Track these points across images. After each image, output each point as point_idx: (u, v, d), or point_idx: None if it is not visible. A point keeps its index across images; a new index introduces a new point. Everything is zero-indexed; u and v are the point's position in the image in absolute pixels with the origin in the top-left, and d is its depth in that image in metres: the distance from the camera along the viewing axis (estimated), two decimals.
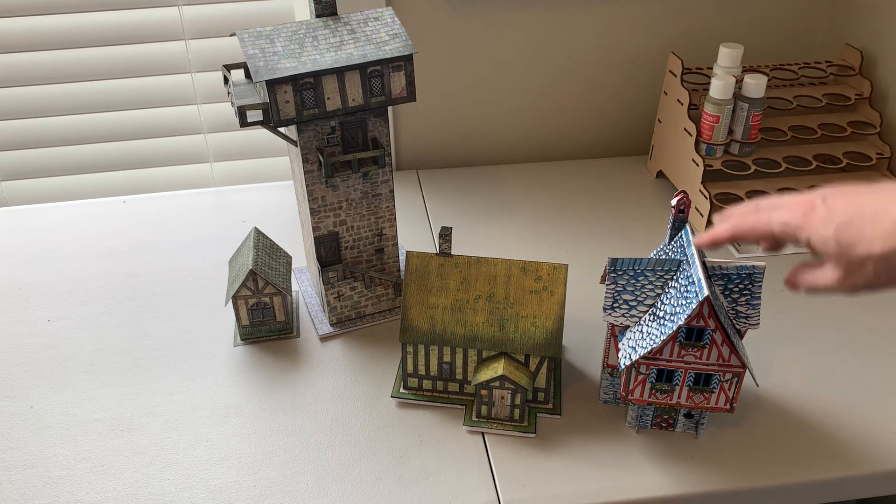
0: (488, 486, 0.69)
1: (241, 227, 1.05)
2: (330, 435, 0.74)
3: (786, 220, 0.58)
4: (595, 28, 1.13)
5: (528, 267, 0.73)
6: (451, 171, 1.19)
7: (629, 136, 1.24)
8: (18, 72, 1.07)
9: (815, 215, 0.56)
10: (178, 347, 0.85)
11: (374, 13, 0.75)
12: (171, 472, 0.71)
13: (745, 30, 1.16)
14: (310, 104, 0.72)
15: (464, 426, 0.75)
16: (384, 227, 0.83)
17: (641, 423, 0.74)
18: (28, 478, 0.70)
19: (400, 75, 0.73)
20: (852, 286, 0.56)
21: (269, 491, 0.69)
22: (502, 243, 1.02)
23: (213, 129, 1.16)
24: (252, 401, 0.78)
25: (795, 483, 0.70)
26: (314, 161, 0.76)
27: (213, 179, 1.21)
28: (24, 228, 1.06)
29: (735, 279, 0.68)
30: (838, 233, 0.54)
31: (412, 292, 0.74)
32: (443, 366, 0.76)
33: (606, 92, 1.19)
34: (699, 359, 0.67)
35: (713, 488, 0.69)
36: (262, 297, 0.83)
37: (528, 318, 0.73)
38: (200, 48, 1.09)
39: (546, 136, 1.22)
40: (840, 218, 0.54)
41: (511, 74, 1.15)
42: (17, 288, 0.95)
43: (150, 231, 1.05)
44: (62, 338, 0.87)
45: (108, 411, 0.77)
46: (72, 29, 1.05)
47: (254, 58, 0.70)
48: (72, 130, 1.13)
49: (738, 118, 1.01)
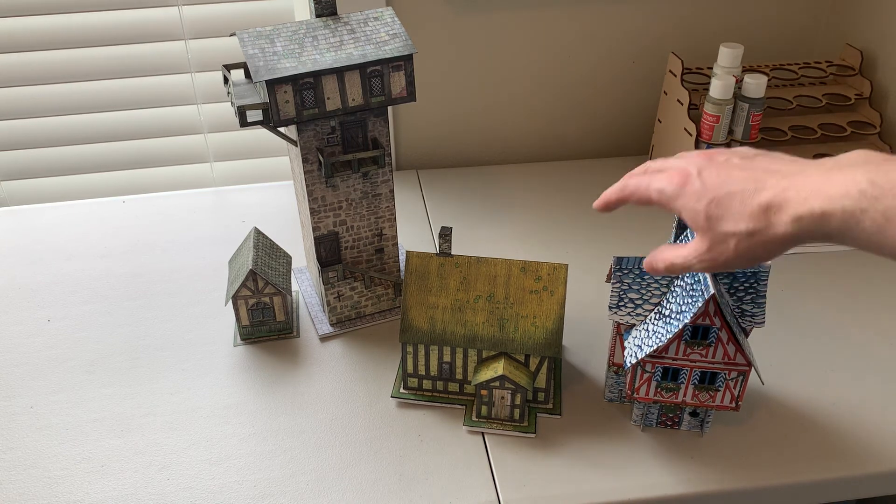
0: (488, 486, 0.69)
1: (241, 227, 1.05)
2: (330, 435, 0.74)
3: (661, 187, 0.57)
4: (595, 28, 1.13)
5: (528, 267, 0.73)
6: (451, 171, 1.19)
7: (629, 136, 1.24)
8: (18, 72, 1.07)
9: (689, 187, 0.56)
10: (178, 347, 0.85)
11: (374, 13, 0.75)
12: (170, 472, 0.71)
13: (745, 30, 1.16)
14: (310, 104, 0.72)
15: (464, 426, 0.75)
16: (384, 227, 0.83)
17: (647, 421, 0.74)
18: (28, 478, 0.70)
19: (400, 75, 0.73)
20: (712, 261, 0.55)
21: (269, 491, 0.69)
22: (502, 243, 1.02)
23: (213, 129, 1.16)
24: (252, 401, 0.78)
25: (797, 483, 0.70)
26: (314, 161, 0.76)
27: (213, 179, 1.21)
28: (24, 228, 1.06)
29: (740, 277, 0.68)
30: (708, 207, 0.54)
31: (412, 292, 0.74)
32: (443, 366, 0.76)
33: (606, 92, 1.19)
34: (705, 357, 0.67)
35: (716, 488, 0.69)
36: (262, 297, 0.83)
37: (528, 318, 0.73)
38: (200, 48, 1.09)
39: (546, 136, 1.22)
40: (711, 193, 0.54)
41: (511, 74, 1.15)
42: (17, 288, 0.95)
43: (150, 231, 1.05)
44: (62, 338, 0.87)
45: (108, 411, 0.77)
46: (72, 29, 1.05)
47: (254, 58, 0.70)
48: (72, 130, 1.13)
49: (738, 118, 1.01)
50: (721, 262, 0.55)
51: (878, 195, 0.47)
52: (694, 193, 0.55)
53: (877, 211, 0.47)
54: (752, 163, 0.55)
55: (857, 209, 0.47)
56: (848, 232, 0.48)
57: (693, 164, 0.57)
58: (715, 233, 0.54)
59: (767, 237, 0.52)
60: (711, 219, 0.54)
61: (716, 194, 0.54)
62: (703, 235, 0.56)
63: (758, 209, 0.52)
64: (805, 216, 0.49)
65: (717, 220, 0.54)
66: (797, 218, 0.50)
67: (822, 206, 0.49)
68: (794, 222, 0.50)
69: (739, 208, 0.53)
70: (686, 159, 0.58)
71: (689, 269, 0.58)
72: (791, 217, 0.50)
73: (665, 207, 0.58)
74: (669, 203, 0.57)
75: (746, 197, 0.52)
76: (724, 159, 0.56)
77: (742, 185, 0.53)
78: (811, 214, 0.49)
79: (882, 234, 0.47)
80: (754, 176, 0.53)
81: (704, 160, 0.57)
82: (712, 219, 0.54)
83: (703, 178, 0.55)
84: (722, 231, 0.54)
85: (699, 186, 0.55)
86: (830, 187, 0.49)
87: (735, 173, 0.54)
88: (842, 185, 0.48)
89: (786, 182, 0.51)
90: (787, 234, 0.51)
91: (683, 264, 0.58)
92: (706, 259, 0.56)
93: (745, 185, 0.53)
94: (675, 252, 0.58)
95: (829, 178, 0.49)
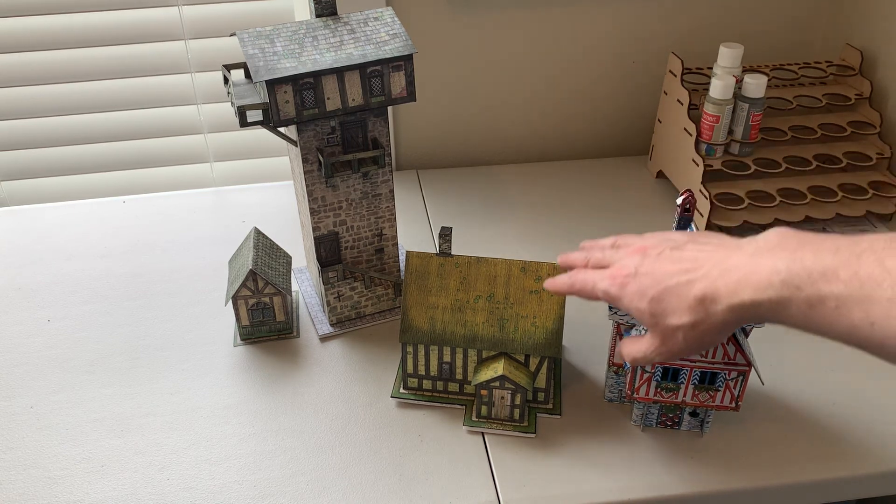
0: (488, 486, 0.69)
1: (241, 227, 1.05)
2: (330, 435, 0.74)
3: (605, 289, 0.61)
4: (595, 28, 1.13)
5: (528, 267, 0.73)
6: (451, 171, 1.19)
7: (629, 136, 1.24)
8: (18, 72, 1.07)
9: (630, 287, 0.59)
10: (178, 347, 0.85)
11: (374, 13, 0.75)
12: (170, 472, 0.71)
13: (745, 30, 1.16)
14: (310, 104, 0.72)
15: (464, 426, 0.75)
16: (384, 227, 0.83)
17: (647, 421, 0.74)
18: (28, 478, 0.70)
19: (400, 75, 0.73)
20: (668, 353, 0.59)
21: (269, 491, 0.69)
22: (502, 243, 1.02)
23: (213, 129, 1.16)
24: (252, 401, 0.78)
25: (797, 483, 0.70)
26: (314, 161, 0.76)
27: (213, 179, 1.21)
28: (24, 228, 1.06)
29: None
30: (650, 306, 0.57)
31: (412, 292, 0.74)
32: (443, 366, 0.76)
33: (606, 92, 1.19)
34: (704, 357, 0.67)
35: (716, 488, 0.69)
36: (262, 297, 0.83)
37: (528, 318, 0.73)
38: (200, 48, 1.09)
39: (546, 136, 1.23)
40: (651, 292, 0.57)
41: (511, 74, 1.15)
42: (17, 288, 0.95)
43: (150, 231, 1.05)
44: (62, 338, 0.87)
45: (108, 411, 0.77)
46: (72, 29, 1.05)
47: (254, 58, 0.70)
48: (72, 130, 1.13)
49: (738, 118, 1.01)
50: (676, 352, 0.58)
51: (798, 284, 0.49)
52: (636, 293, 0.58)
53: (800, 299, 0.49)
54: (683, 253, 0.58)
55: (782, 298, 0.50)
56: (778, 317, 0.51)
57: (632, 262, 0.60)
58: (663, 327, 0.57)
59: (709, 326, 0.55)
60: (656, 315, 0.57)
61: (655, 292, 0.57)
62: (653, 331, 0.59)
63: (694, 301, 0.54)
64: (737, 306, 0.52)
65: (662, 316, 0.57)
66: (730, 308, 0.53)
67: (750, 296, 0.52)
68: (729, 311, 0.53)
69: (677, 303, 0.56)
70: (625, 254, 0.62)
71: (650, 361, 0.61)
72: (725, 307, 0.53)
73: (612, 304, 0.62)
74: (615, 303, 0.61)
75: (682, 291, 0.55)
76: (658, 253, 0.59)
77: (676, 278, 0.56)
78: (742, 305, 0.52)
79: (809, 320, 0.50)
80: (685, 268, 0.56)
81: (640, 256, 0.60)
82: (657, 315, 0.57)
83: (641, 277, 0.58)
84: (669, 325, 0.56)
85: (638, 286, 0.58)
86: (754, 276, 0.52)
87: (668, 267, 0.57)
88: (765, 274, 0.51)
89: (715, 272, 0.54)
90: (728, 321, 0.54)
91: (644, 358, 0.61)
92: (663, 352, 0.59)
93: (678, 279, 0.56)
94: (636, 347, 0.61)
95: (753, 268, 0.52)
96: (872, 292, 0.46)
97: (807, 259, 0.49)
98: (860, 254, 0.48)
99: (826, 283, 0.48)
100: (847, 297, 0.47)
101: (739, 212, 1.00)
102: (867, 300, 0.46)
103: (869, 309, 0.46)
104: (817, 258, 0.49)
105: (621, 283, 0.59)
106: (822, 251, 0.49)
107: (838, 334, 0.49)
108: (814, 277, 0.48)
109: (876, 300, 0.46)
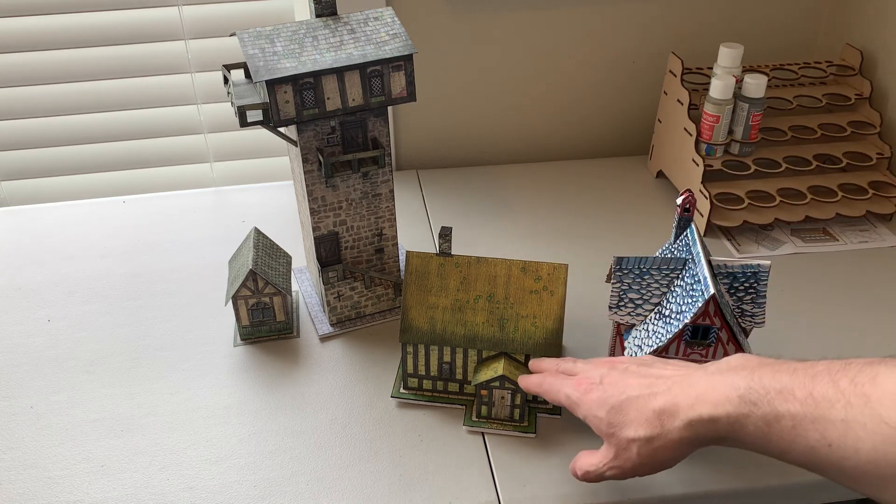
0: (488, 486, 0.69)
1: (240, 227, 1.05)
2: (330, 435, 0.74)
3: (568, 393, 0.62)
4: (595, 28, 1.13)
5: (528, 267, 0.73)
6: (451, 171, 1.19)
7: (629, 136, 1.24)
8: (18, 72, 1.07)
9: (593, 394, 0.60)
10: (178, 347, 0.85)
11: (374, 13, 0.75)
12: (170, 472, 0.71)
13: (745, 30, 1.16)
14: (310, 104, 0.72)
15: (464, 426, 0.75)
16: (384, 227, 0.83)
17: None
18: (28, 478, 0.70)
19: (400, 75, 0.73)
20: (620, 468, 0.59)
21: (269, 491, 0.69)
22: (502, 243, 1.02)
23: (213, 129, 1.16)
24: (252, 401, 0.78)
25: (796, 483, 0.70)
26: (314, 161, 0.76)
27: (213, 179, 1.21)
28: (24, 228, 1.06)
29: (741, 278, 0.68)
30: (609, 415, 0.58)
31: (412, 292, 0.74)
32: (443, 366, 0.76)
33: (606, 92, 1.19)
34: (705, 357, 0.67)
35: (716, 488, 0.69)
36: (262, 297, 0.83)
37: (528, 318, 0.73)
38: (200, 48, 1.09)
39: (546, 136, 1.22)
40: (612, 401, 0.58)
41: (511, 74, 1.15)
42: (17, 288, 0.95)
43: (150, 231, 1.05)
44: (62, 338, 0.87)
45: (108, 411, 0.77)
46: (72, 29, 1.05)
47: (254, 58, 0.70)
48: (72, 130, 1.13)
49: (738, 118, 1.01)
50: (628, 468, 0.58)
51: (756, 401, 0.50)
52: (596, 401, 0.59)
53: (758, 417, 0.50)
54: (649, 370, 0.59)
55: (739, 414, 0.51)
56: (736, 435, 0.52)
57: (598, 373, 0.62)
58: (618, 439, 0.58)
59: (665, 442, 0.55)
60: (613, 425, 0.58)
61: (616, 401, 0.58)
62: (608, 442, 0.59)
63: (652, 414, 0.55)
64: (695, 421, 0.53)
65: (619, 427, 0.57)
66: (688, 423, 0.53)
67: (709, 411, 0.52)
68: (687, 427, 0.54)
69: (636, 415, 0.56)
70: (593, 366, 0.64)
71: (602, 477, 0.61)
72: (683, 422, 0.54)
73: (572, 411, 0.63)
74: (574, 408, 0.62)
75: (642, 403, 0.56)
76: (624, 367, 0.61)
77: (638, 391, 0.57)
78: (700, 419, 0.53)
79: (766, 438, 0.50)
80: (647, 382, 0.58)
81: (607, 368, 0.62)
82: (614, 425, 0.58)
83: (605, 387, 0.60)
84: (624, 437, 0.57)
85: (601, 394, 0.59)
86: (713, 393, 0.53)
87: (631, 381, 0.59)
88: (723, 391, 0.52)
89: (676, 388, 0.55)
90: (683, 438, 0.54)
91: (596, 472, 0.61)
92: (615, 466, 0.59)
93: (640, 391, 0.57)
94: (589, 460, 0.62)
95: (713, 384, 0.53)
96: (827, 412, 0.47)
97: (765, 378, 0.51)
98: (815, 375, 0.49)
99: (783, 401, 0.49)
100: (803, 416, 0.48)
101: (739, 212, 1.00)
102: (822, 420, 0.47)
103: (825, 429, 0.47)
104: (775, 378, 0.50)
105: (585, 390, 0.61)
106: (780, 372, 0.51)
107: (798, 455, 0.50)
108: (771, 395, 0.50)
109: (830, 420, 0.47)
